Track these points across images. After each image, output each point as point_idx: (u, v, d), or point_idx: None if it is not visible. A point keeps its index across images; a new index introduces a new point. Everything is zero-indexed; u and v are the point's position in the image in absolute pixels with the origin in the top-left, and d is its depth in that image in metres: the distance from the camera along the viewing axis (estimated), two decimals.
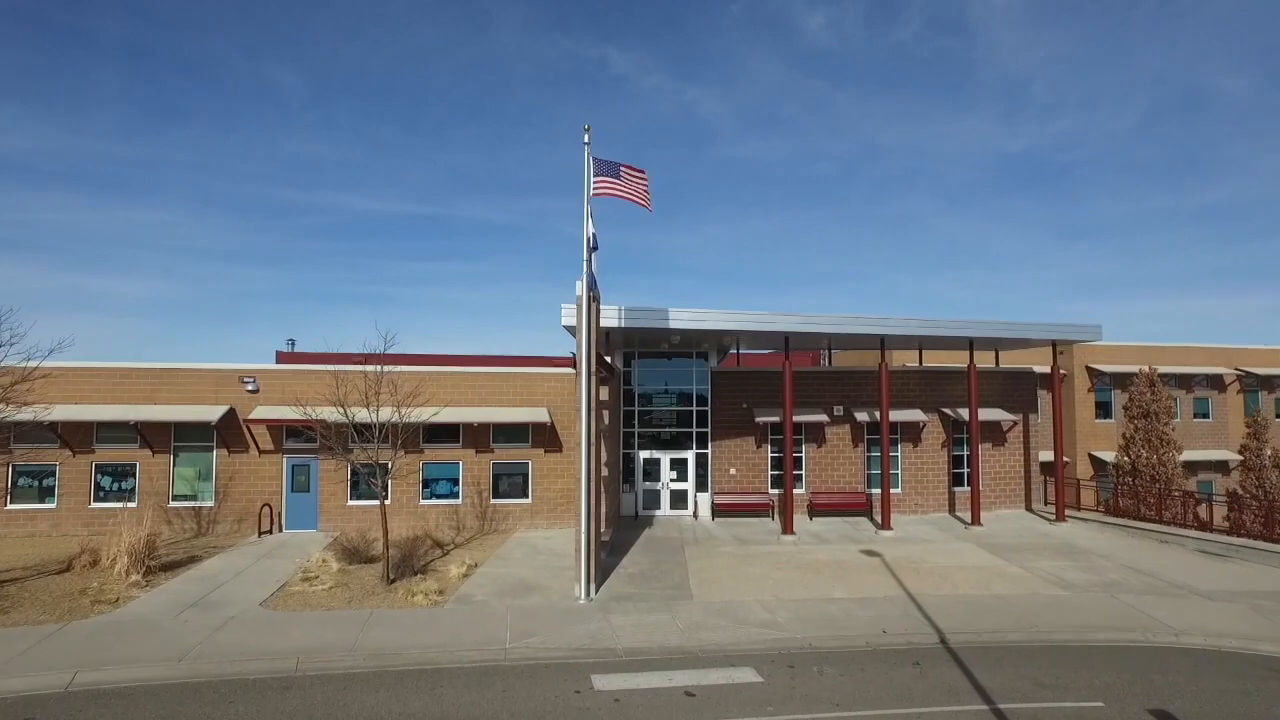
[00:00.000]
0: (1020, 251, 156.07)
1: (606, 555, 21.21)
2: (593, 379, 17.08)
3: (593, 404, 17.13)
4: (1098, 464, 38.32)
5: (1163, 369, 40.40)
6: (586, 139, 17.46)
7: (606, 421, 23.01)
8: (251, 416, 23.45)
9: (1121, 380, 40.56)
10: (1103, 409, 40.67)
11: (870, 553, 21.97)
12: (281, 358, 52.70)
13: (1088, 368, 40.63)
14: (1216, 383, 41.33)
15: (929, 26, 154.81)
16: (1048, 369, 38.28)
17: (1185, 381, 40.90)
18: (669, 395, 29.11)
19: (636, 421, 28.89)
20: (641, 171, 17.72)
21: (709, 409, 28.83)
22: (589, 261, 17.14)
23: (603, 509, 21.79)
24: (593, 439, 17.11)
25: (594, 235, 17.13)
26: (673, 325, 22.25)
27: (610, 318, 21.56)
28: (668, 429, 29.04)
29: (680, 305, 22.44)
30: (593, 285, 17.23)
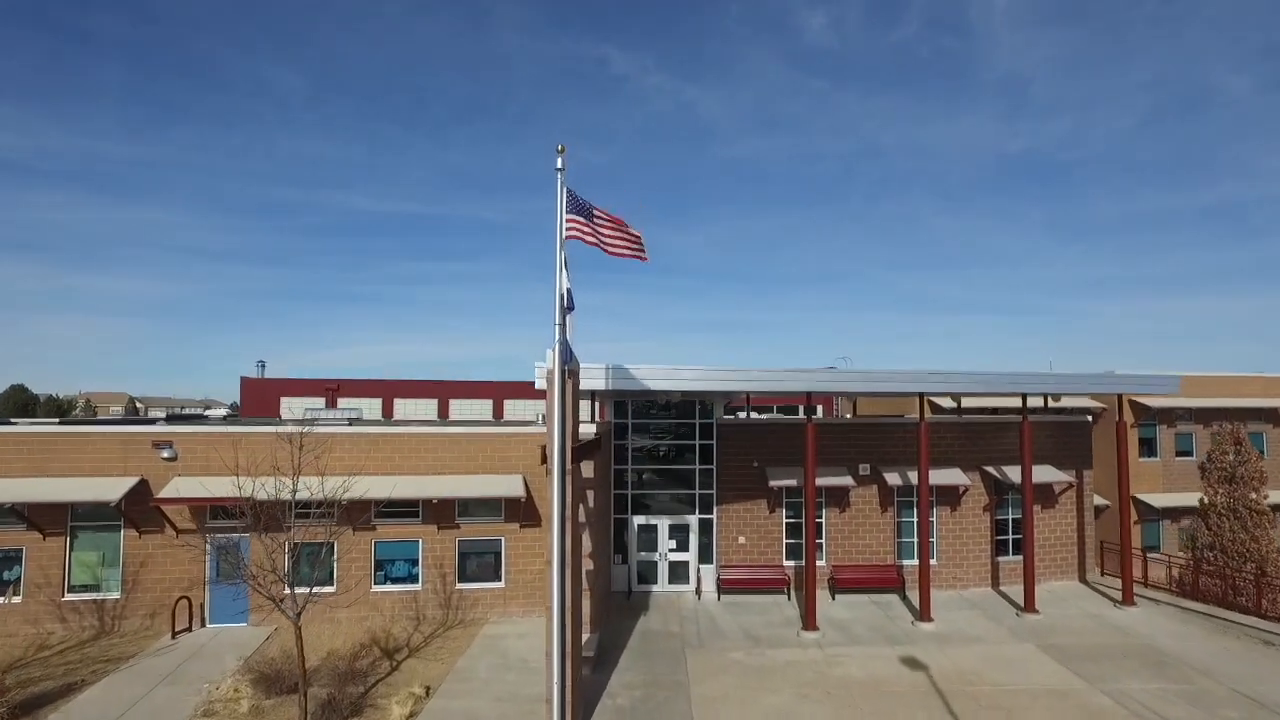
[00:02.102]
0: (1019, 251, 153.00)
1: (590, 671, 17.21)
2: (567, 481, 13.07)
3: (567, 514, 13.13)
4: (1142, 508, 34.35)
5: (1212, 402, 36.35)
6: (560, 163, 13.48)
7: (592, 504, 19.01)
8: (161, 495, 19.40)
9: (1167, 415, 36.61)
10: (1147, 446, 36.65)
11: (913, 662, 17.98)
12: (247, 385, 48.67)
13: (1130, 401, 36.59)
14: (1273, 416, 37.33)
15: (929, 26, 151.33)
16: (1096, 405, 34.31)
17: (1239, 416, 37.04)
18: (668, 451, 25.11)
19: (630, 482, 24.89)
20: (638, 233, 13.78)
21: (714, 467, 24.81)
22: (563, 325, 13.13)
23: (585, 610, 17.80)
24: (567, 561, 13.10)
25: (569, 292, 13.12)
26: (675, 386, 18.28)
27: (595, 379, 17.59)
28: (666, 490, 25.03)
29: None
30: (568, 357, 13.22)
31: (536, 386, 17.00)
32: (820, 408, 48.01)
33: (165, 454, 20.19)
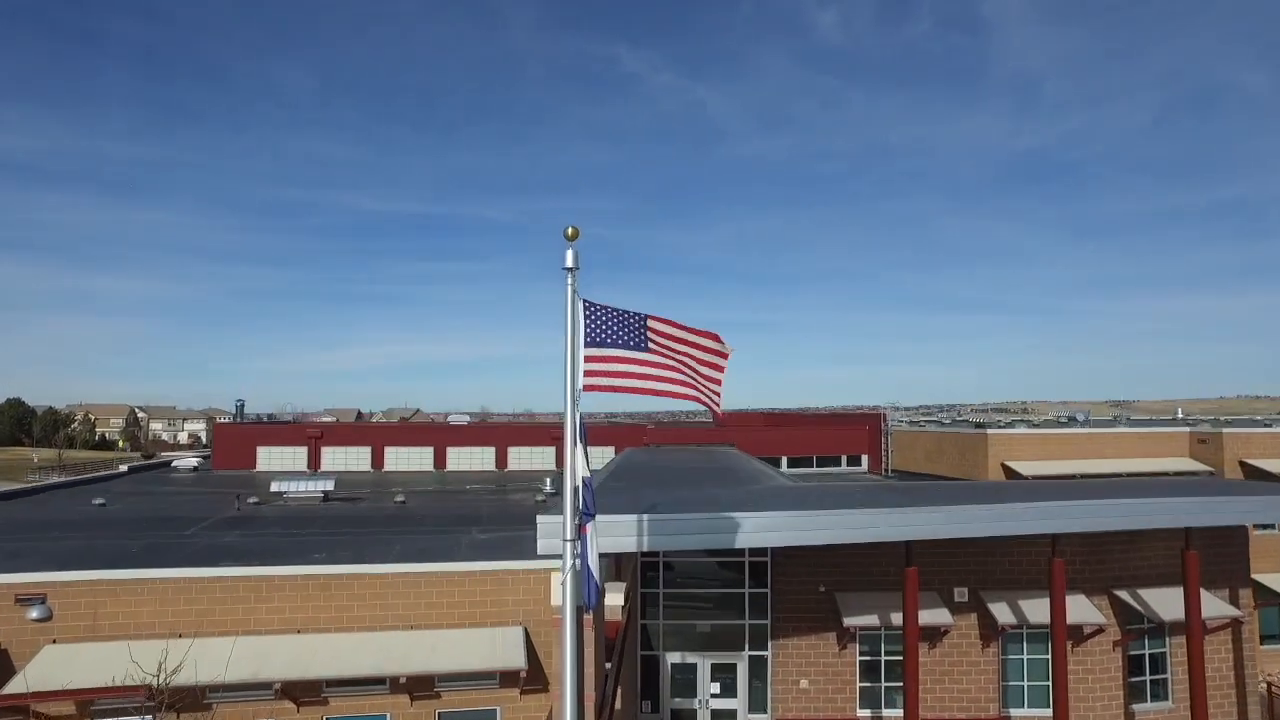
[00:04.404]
0: (1028, 249, 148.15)
1: None
2: None
3: None
4: (1261, 592, 28.77)
5: None
6: (570, 258, 8.13)
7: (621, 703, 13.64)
8: (7, 690, 14.13)
9: None
10: None
11: None
12: (219, 433, 43.51)
13: (1242, 463, 31.09)
14: None
15: (940, 24, 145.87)
16: (1200, 468, 28.87)
17: None
18: (710, 569, 19.76)
19: (661, 609, 19.56)
20: (713, 337, 8.38)
21: (769, 591, 19.44)
22: (576, 540, 7.78)
23: None
24: None
25: (587, 485, 7.77)
26: (734, 541, 12.94)
27: (622, 537, 12.27)
28: (708, 620, 19.69)
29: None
30: (592, 592, 7.85)
31: (539, 551, 11.75)
32: (866, 457, 42.64)
33: (34, 614, 14.99)
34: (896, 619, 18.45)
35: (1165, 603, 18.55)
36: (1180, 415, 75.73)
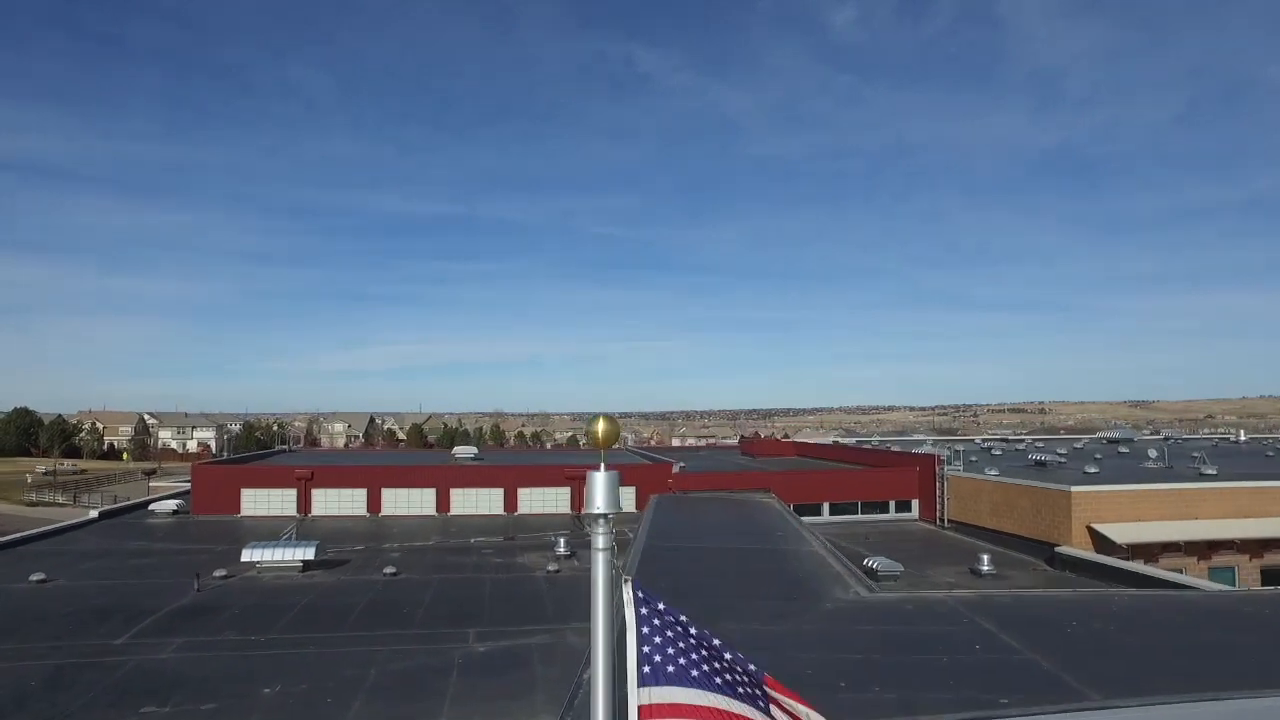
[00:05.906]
0: (1051, 246, 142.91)
1: None
2: None
3: None
4: None
5: None
6: (603, 495, 3.99)
7: None
8: None
9: None
10: None
11: None
12: (200, 475, 39.56)
13: None
14: None
15: (960, 19, 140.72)
16: None
17: None
18: None
19: None
20: None
21: None
22: None
23: None
24: None
25: None
26: None
27: None
28: None
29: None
30: None
31: None
32: (917, 502, 38.33)
33: None
34: None
35: None
36: (1242, 435, 70.69)
